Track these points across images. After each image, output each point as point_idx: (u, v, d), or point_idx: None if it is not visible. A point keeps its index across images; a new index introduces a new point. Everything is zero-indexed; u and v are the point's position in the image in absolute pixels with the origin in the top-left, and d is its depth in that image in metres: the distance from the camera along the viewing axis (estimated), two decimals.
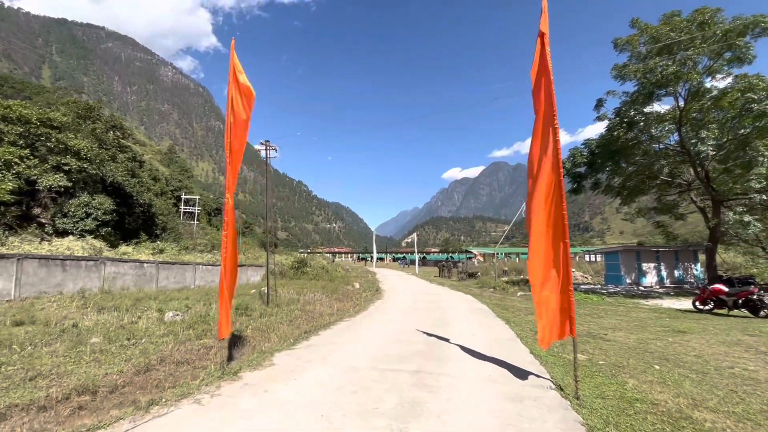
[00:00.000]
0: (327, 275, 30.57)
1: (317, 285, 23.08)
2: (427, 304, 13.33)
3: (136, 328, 8.68)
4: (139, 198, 35.12)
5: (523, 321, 9.69)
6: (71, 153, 27.08)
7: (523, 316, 10.68)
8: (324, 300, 16.14)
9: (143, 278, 18.08)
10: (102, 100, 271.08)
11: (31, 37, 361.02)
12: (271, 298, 14.20)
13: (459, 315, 10.37)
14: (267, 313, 11.34)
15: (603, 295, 16.29)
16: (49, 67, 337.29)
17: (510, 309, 12.14)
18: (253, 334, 8.48)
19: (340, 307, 13.83)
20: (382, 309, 12.01)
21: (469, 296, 16.32)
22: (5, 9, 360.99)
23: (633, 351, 6.61)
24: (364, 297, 17.10)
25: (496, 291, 19.40)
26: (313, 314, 11.88)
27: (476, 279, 30.67)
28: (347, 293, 18.68)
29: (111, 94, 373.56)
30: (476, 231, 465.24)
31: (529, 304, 13.84)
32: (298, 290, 19.65)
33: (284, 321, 10.27)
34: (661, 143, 16.28)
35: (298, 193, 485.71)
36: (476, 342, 6.86)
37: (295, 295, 16.93)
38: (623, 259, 22.60)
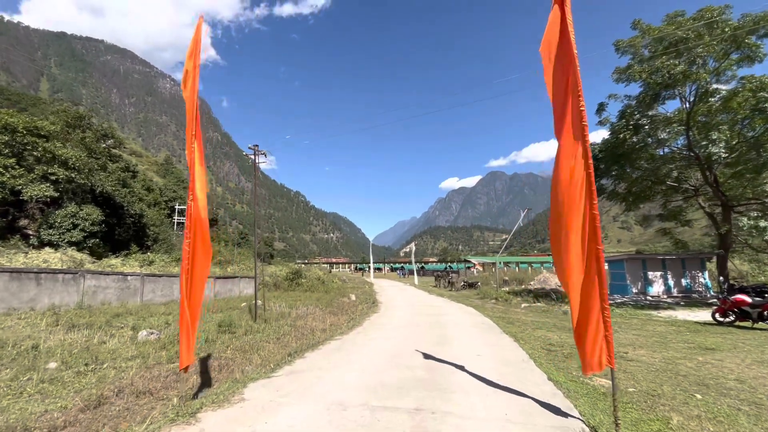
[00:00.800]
0: (322, 287, 29.61)
1: (312, 297, 22.16)
2: (427, 318, 12.43)
3: (101, 350, 7.78)
4: (130, 208, 34.24)
5: (532, 337, 8.84)
6: (59, 162, 26.27)
7: (531, 331, 9.82)
8: (317, 314, 15.23)
9: (127, 292, 17.12)
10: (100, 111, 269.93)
11: (30, 50, 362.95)
12: (259, 312, 13.30)
13: (461, 331, 9.50)
14: (253, 330, 10.45)
15: (611, 306, 15.46)
16: (48, 79, 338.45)
17: (516, 323, 11.28)
18: (233, 355, 7.60)
19: (333, 321, 12.94)
20: (378, 324, 11.12)
21: (470, 308, 15.44)
22: (5, 23, 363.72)
23: (663, 374, 5.77)
24: (360, 310, 16.19)
25: (498, 302, 18.52)
26: (303, 330, 10.99)
27: (476, 289, 29.76)
28: (342, 306, 17.77)
29: (109, 105, 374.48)
30: (474, 240, 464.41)
31: (536, 317, 12.98)
32: (291, 303, 18.73)
33: (271, 339, 9.38)
34: (668, 147, 15.67)
35: (295, 203, 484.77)
36: (484, 365, 5.99)
37: (287, 308, 16.03)
38: (628, 268, 21.79)
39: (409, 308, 15.79)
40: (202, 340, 8.92)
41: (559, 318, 12.77)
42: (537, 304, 16.34)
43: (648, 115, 14.86)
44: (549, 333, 9.52)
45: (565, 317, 12.95)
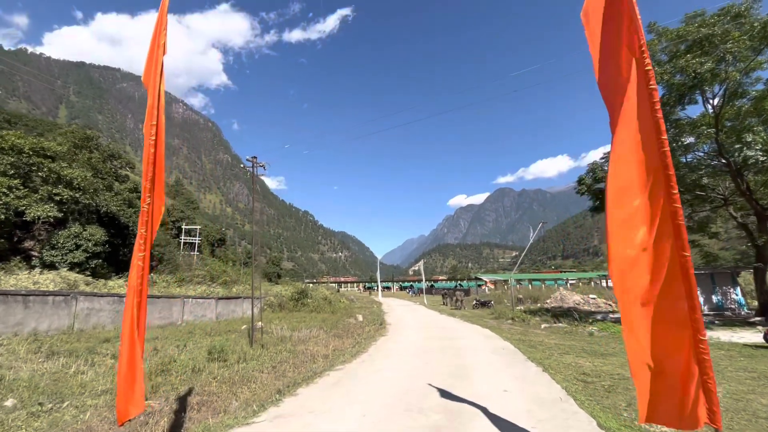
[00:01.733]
0: (329, 307, 28.52)
1: (317, 318, 21.12)
2: (440, 342, 11.31)
3: (73, 383, 6.89)
4: (135, 229, 33.81)
5: (562, 365, 7.71)
6: (64, 183, 26.09)
7: (558, 356, 8.68)
8: (320, 337, 14.19)
9: (122, 315, 16.29)
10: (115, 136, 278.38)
11: (50, 79, 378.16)
12: (258, 336, 12.33)
13: (480, 358, 8.36)
14: (248, 357, 9.47)
15: None
16: (66, 107, 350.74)
17: (539, 347, 10.12)
18: (219, 388, 6.63)
19: (337, 346, 11.89)
20: (386, 350, 10.05)
21: (486, 330, 14.24)
22: (28, 54, 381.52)
23: (737, 416, 4.65)
24: (367, 332, 15.10)
25: (515, 323, 17.25)
26: (304, 356, 9.97)
27: (490, 308, 28.36)
28: (348, 327, 16.70)
29: (124, 130, 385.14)
30: (483, 257, 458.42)
31: (560, 339, 11.77)
32: (294, 325, 17.72)
33: (266, 368, 8.39)
34: (695, 152, 14.61)
35: (304, 223, 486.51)
36: (514, 406, 4.90)
37: (289, 331, 15.04)
38: None
39: (419, 330, 14.64)
40: (188, 370, 7.99)
41: (586, 340, 11.55)
42: (558, 324, 15.07)
43: (671, 120, 13.92)
44: (579, 359, 8.37)
45: (592, 339, 11.72)
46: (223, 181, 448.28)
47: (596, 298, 28.66)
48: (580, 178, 17.71)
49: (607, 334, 12.87)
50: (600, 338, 11.98)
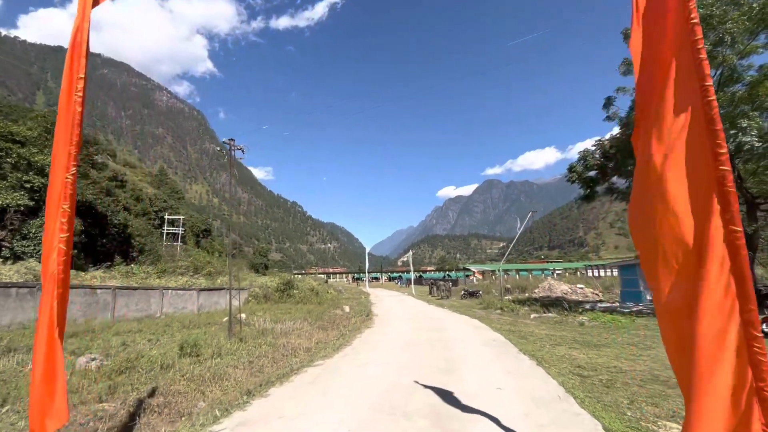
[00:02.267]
0: (316, 298, 27.99)
1: (303, 309, 20.59)
2: (428, 333, 10.86)
3: (22, 383, 6.21)
4: (114, 218, 32.62)
5: (555, 357, 7.33)
6: (35, 169, 24.77)
7: (550, 348, 8.31)
8: (304, 329, 13.66)
9: (95, 307, 15.49)
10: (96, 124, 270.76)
11: (26, 64, 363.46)
12: (237, 329, 11.72)
13: (470, 351, 7.92)
14: (223, 352, 8.88)
15: (630, 316, 13.96)
16: (44, 93, 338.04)
17: (530, 338, 9.76)
18: (187, 387, 6.05)
19: (321, 338, 11.38)
20: (371, 343, 9.55)
21: (475, 321, 13.89)
22: (2, 37, 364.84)
23: None
24: (353, 324, 14.62)
25: (504, 313, 16.98)
26: (284, 350, 9.43)
27: (478, 298, 28.20)
28: (334, 319, 16.20)
29: (105, 118, 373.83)
30: (471, 248, 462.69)
31: (550, 329, 11.45)
32: (278, 316, 17.16)
33: (241, 363, 7.83)
34: None
35: (292, 214, 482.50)
36: (510, 407, 4.42)
37: (272, 323, 14.46)
38: (642, 273, 20.33)
39: (406, 321, 14.20)
40: (157, 367, 7.37)
41: (577, 331, 11.26)
42: (548, 314, 14.82)
43: None
44: (572, 351, 8.02)
45: (583, 330, 11.44)
46: (210, 171, 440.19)
47: (584, 287, 28.76)
48: (571, 166, 17.39)
49: (598, 323, 12.63)
50: (591, 328, 11.72)
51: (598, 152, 16.87)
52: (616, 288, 30.77)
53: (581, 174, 17.17)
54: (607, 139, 16.45)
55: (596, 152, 16.93)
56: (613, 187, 17.61)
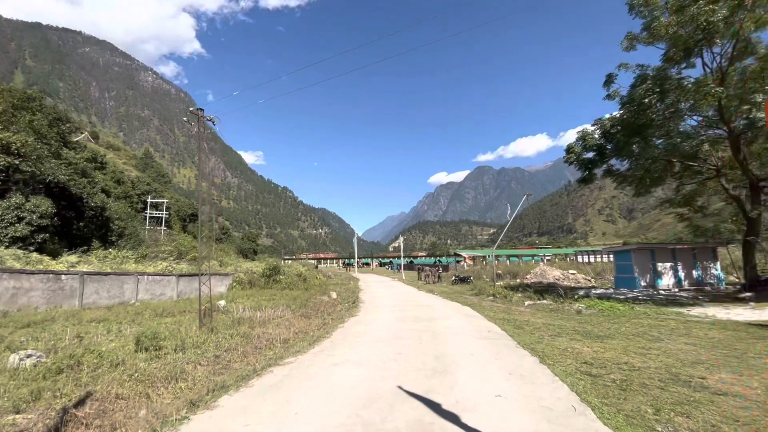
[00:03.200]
0: (303, 284, 27.19)
1: (288, 296, 19.75)
2: (416, 323, 10.02)
3: None
4: (90, 200, 31.05)
5: (557, 351, 6.56)
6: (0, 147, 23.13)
7: (550, 340, 7.55)
8: (286, 317, 12.80)
9: (60, 294, 14.40)
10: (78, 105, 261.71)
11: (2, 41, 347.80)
12: (214, 317, 10.79)
13: (464, 346, 7.05)
14: (189, 345, 7.96)
15: (626, 302, 13.36)
16: (22, 72, 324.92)
17: (526, 328, 9.01)
18: (132, 390, 5.13)
19: (302, 327, 10.53)
20: (353, 334, 8.66)
21: (467, 309, 13.15)
22: None
23: None
24: (338, 311, 13.80)
25: (496, 299, 16.33)
26: (258, 342, 8.56)
27: (469, 284, 27.66)
28: (318, 306, 15.38)
29: (88, 99, 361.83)
30: (462, 234, 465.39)
31: (547, 318, 10.74)
32: (261, 303, 16.28)
33: (206, 359, 6.92)
34: (699, 115, 13.41)
35: (283, 199, 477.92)
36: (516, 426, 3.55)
37: (253, 310, 13.57)
38: (636, 259, 19.83)
39: (394, 309, 13.38)
40: (106, 364, 6.43)
41: (575, 319, 10.57)
42: (543, 301, 14.16)
43: (675, 78, 12.67)
44: (574, 343, 7.27)
45: (581, 318, 10.76)
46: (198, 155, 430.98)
47: (575, 273, 28.36)
48: (569, 147, 16.52)
49: (596, 311, 11.99)
50: (589, 316, 11.05)
51: (598, 132, 16.01)
52: (608, 274, 30.50)
53: (579, 155, 16.34)
54: (607, 118, 15.56)
55: (595, 132, 16.07)
56: (612, 169, 16.84)
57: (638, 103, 12.36)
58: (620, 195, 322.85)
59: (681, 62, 12.36)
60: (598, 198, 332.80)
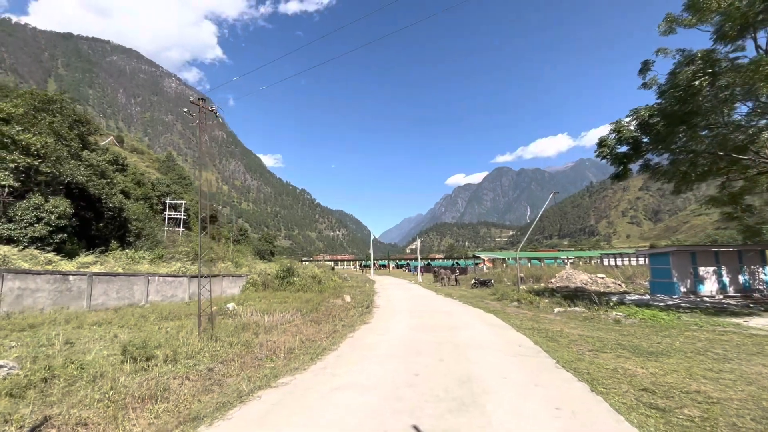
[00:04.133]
0: (317, 286, 26.51)
1: (301, 298, 19.04)
2: (435, 333, 8.99)
3: None
4: (108, 201, 31.29)
5: (606, 372, 5.46)
6: (20, 148, 23.35)
7: (592, 357, 6.44)
8: (295, 322, 12.02)
9: (67, 295, 14.04)
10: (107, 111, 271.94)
11: (37, 51, 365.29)
12: (212, 324, 10.07)
13: (494, 365, 5.97)
14: (182, 355, 7.21)
15: (669, 311, 11.96)
16: (55, 80, 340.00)
17: (561, 341, 7.89)
18: (100, 414, 4.36)
19: (310, 335, 9.69)
20: (363, 347, 7.68)
21: (490, 316, 12.04)
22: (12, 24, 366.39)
23: None
24: (350, 316, 12.92)
25: (521, 305, 15.12)
26: (260, 352, 7.75)
27: (490, 288, 26.37)
28: (331, 310, 14.55)
29: (115, 105, 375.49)
30: (481, 237, 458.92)
31: (583, 328, 9.54)
32: (272, 306, 15.59)
33: (197, 372, 6.14)
34: (756, 100, 11.83)
35: (301, 201, 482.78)
36: None
37: (262, 314, 12.86)
38: (675, 262, 18.21)
39: (410, 316, 12.36)
40: (85, 377, 5.72)
41: (615, 330, 9.34)
42: (574, 308, 12.89)
43: (728, 59, 11.24)
44: (623, 361, 6.14)
45: (623, 329, 9.52)
46: (219, 159, 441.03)
47: (604, 277, 26.66)
48: (602, 140, 15.16)
49: (636, 320, 10.69)
50: (630, 327, 9.79)
51: (634, 124, 14.60)
52: (640, 278, 28.63)
53: (612, 149, 14.96)
54: (644, 108, 14.14)
55: (631, 124, 14.66)
56: (650, 164, 15.36)
57: (685, 87, 11.00)
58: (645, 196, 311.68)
59: (736, 39, 10.91)
60: (621, 199, 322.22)
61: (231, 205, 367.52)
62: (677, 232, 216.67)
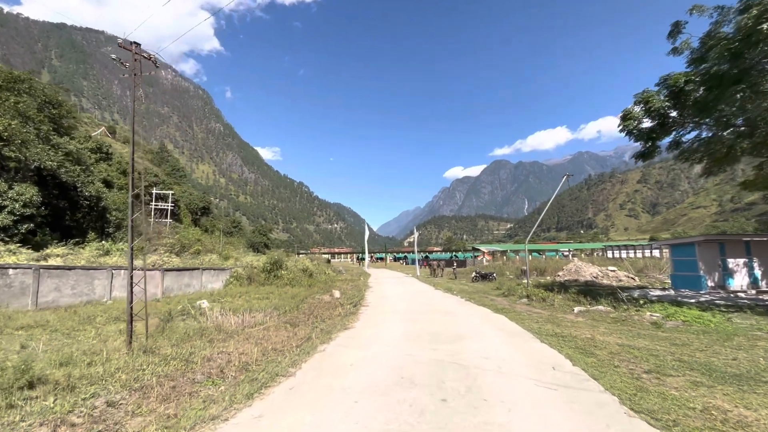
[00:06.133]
0: (306, 280, 24.61)
1: (287, 294, 17.15)
2: (435, 347, 6.72)
3: None
4: (84, 189, 29.11)
5: (683, 411, 3.58)
6: None
7: (657, 384, 4.53)
8: (267, 325, 10.08)
9: (6, 292, 12.05)
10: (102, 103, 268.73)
11: (30, 41, 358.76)
12: (146, 330, 8.11)
13: (528, 409, 3.89)
14: (91, 377, 5.25)
15: (714, 311, 10.04)
16: (49, 71, 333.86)
17: (600, 355, 5.96)
18: None
19: (276, 343, 7.74)
20: (334, 371, 5.37)
21: (501, 317, 10.09)
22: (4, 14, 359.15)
23: None
24: (334, 317, 10.98)
25: (532, 302, 13.21)
26: (201, 373, 5.80)
27: (492, 281, 24.51)
28: (315, 308, 12.62)
29: (110, 97, 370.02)
30: (479, 230, 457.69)
31: (617, 333, 7.59)
32: (248, 304, 13.69)
33: (86, 414, 4.19)
34: None
35: (299, 194, 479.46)
36: None
37: (231, 314, 10.93)
38: (702, 253, 16.30)
39: (404, 319, 10.35)
40: None
41: (662, 338, 7.40)
42: (598, 307, 10.96)
43: None
44: (705, 393, 4.22)
45: (670, 335, 7.57)
46: (216, 151, 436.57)
47: (616, 270, 24.81)
48: (627, 113, 13.11)
49: (679, 323, 8.77)
50: (676, 332, 7.87)
51: (663, 92, 12.56)
52: (652, 271, 26.80)
53: (640, 121, 12.92)
54: (679, 73, 12.11)
55: (662, 92, 12.61)
56: (680, 140, 13.34)
57: (743, 38, 8.95)
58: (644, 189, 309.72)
59: None
60: (620, 192, 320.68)
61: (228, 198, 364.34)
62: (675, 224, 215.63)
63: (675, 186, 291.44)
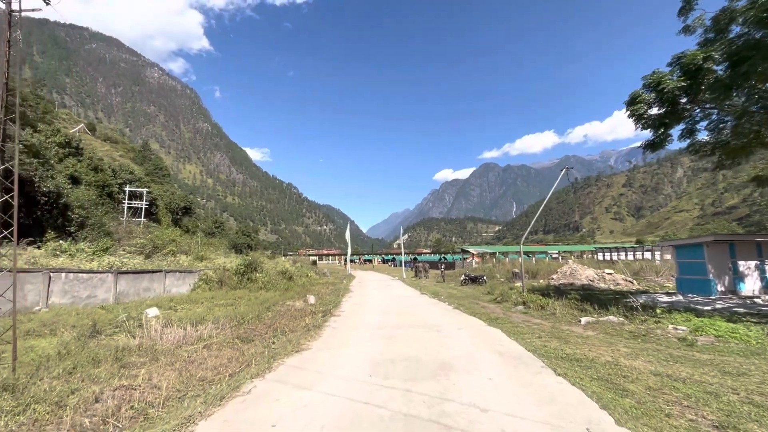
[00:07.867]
0: (284, 283, 22.68)
1: (257, 299, 15.29)
2: (411, 382, 4.93)
3: None
4: (42, 185, 26.70)
5: None
6: None
7: None
8: (214, 340, 8.26)
9: None
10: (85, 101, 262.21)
11: None
12: (14, 360, 6.22)
13: None
14: None
15: (742, 321, 8.53)
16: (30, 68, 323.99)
17: (640, 395, 4.31)
18: None
19: (209, 369, 5.94)
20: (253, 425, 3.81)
21: (496, 331, 8.38)
22: None
23: None
24: (301, 328, 9.16)
25: (530, 310, 11.58)
26: (72, 422, 3.98)
27: (482, 285, 22.92)
28: (279, 318, 10.78)
29: (94, 95, 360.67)
30: (467, 232, 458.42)
31: (642, 356, 5.92)
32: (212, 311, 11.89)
33: None
34: None
35: (288, 195, 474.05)
36: None
37: (175, 326, 9.08)
38: (711, 255, 14.93)
39: (379, 335, 8.46)
40: None
41: (703, 362, 5.77)
42: (608, 317, 9.35)
43: None
44: None
45: (711, 357, 5.96)
46: (204, 151, 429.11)
47: (613, 273, 23.44)
48: (634, 96, 11.63)
49: (712, 339, 7.20)
50: (717, 353, 6.27)
51: (678, 72, 11.10)
52: (648, 274, 25.57)
53: (650, 106, 11.45)
54: (695, 51, 10.68)
55: (674, 72, 11.16)
56: (695, 129, 11.91)
57: None
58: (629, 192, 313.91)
59: None
60: (605, 196, 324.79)
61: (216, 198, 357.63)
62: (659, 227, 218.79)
63: (659, 190, 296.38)
